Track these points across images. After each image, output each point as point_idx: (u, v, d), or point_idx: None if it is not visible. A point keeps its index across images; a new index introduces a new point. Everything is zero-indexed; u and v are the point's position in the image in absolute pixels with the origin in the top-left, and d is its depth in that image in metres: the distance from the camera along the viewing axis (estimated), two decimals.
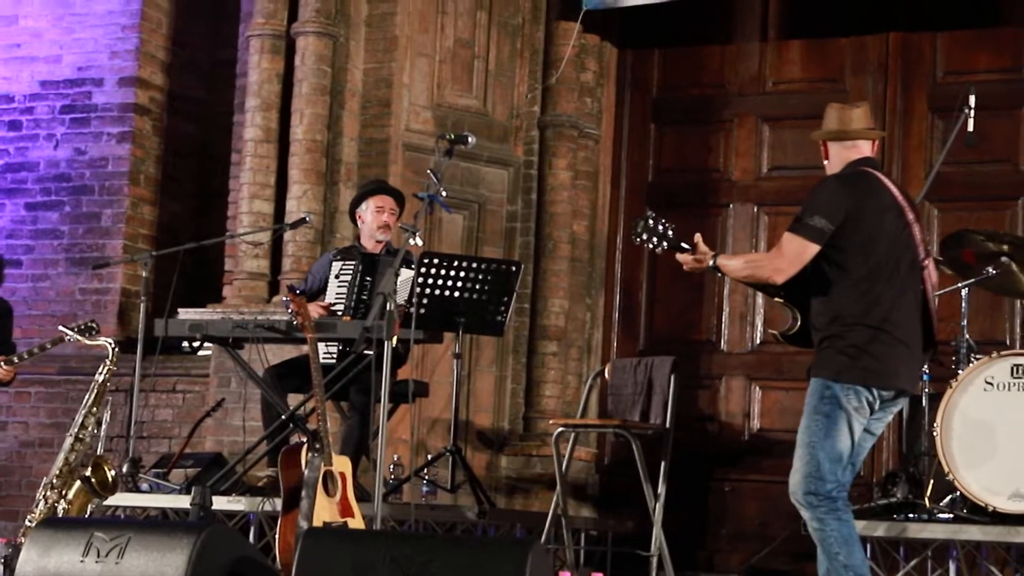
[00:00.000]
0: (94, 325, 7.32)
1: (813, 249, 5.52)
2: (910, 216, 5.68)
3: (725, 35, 9.62)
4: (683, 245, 5.81)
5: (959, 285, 7.12)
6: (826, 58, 9.41)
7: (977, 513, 6.61)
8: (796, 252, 5.54)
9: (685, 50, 9.76)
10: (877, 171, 5.75)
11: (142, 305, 7.64)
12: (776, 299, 5.88)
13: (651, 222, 5.85)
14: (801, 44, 9.48)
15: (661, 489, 7.04)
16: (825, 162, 5.84)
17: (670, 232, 5.83)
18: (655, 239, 5.84)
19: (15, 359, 7.84)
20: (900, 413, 7.24)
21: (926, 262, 5.71)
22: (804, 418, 5.56)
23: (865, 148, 5.79)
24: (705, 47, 9.69)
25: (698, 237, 5.82)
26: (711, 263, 5.75)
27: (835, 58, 9.38)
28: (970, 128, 7.21)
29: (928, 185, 7.55)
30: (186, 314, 8.49)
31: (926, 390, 7.02)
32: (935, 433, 6.67)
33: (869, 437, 5.66)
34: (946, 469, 6.63)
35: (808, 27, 9.41)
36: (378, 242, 7.84)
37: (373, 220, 7.84)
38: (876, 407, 5.56)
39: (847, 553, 5.46)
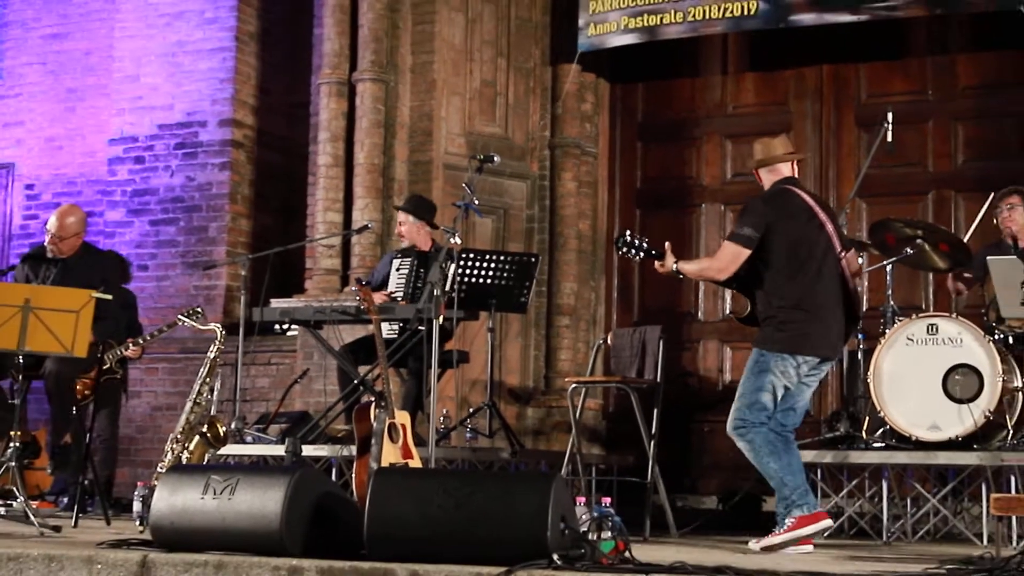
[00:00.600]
0: (199, 310, 7.35)
1: (745, 253, 5.66)
2: (823, 217, 5.75)
3: (694, 70, 9.58)
4: (653, 253, 5.85)
5: (884, 263, 7.11)
6: (774, 86, 9.37)
7: (903, 442, 6.61)
8: (732, 255, 5.68)
9: (663, 83, 9.73)
10: (795, 187, 5.83)
11: (242, 297, 7.63)
12: (731, 289, 5.94)
13: (629, 237, 5.92)
14: (754, 76, 9.45)
15: (655, 431, 7.03)
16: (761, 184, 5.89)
17: (644, 244, 5.89)
18: (632, 251, 5.88)
19: (141, 340, 7.88)
20: (841, 364, 7.25)
21: (843, 253, 5.76)
22: (743, 376, 5.72)
23: (786, 169, 5.88)
24: (678, 80, 9.66)
25: (667, 246, 5.87)
26: (673, 267, 5.80)
27: (781, 86, 9.34)
28: (889, 139, 7.18)
29: (857, 185, 7.53)
30: (277, 303, 8.50)
31: (860, 347, 7.01)
32: (868, 380, 6.67)
33: (805, 389, 5.75)
34: (878, 408, 6.64)
35: (759, 62, 9.38)
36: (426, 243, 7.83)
37: (397, 230, 7.91)
38: (802, 370, 5.66)
39: (773, 459, 5.59)
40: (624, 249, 5.89)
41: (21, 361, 5.93)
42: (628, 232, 5.94)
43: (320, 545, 4.45)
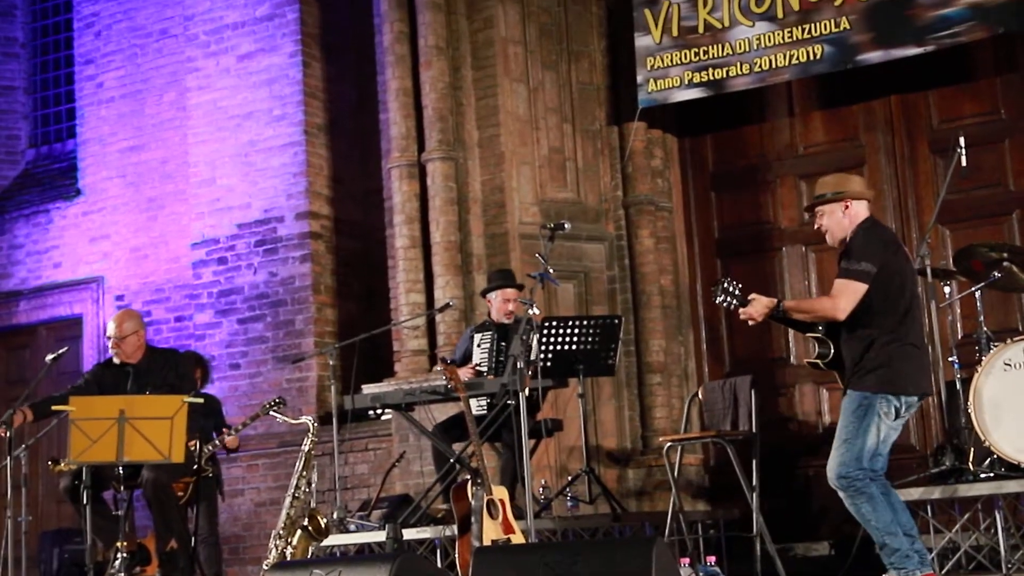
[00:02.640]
0: (279, 400, 7.46)
1: (864, 288, 5.52)
2: (906, 249, 5.76)
3: (760, 116, 9.55)
4: (748, 299, 5.79)
5: (973, 289, 6.99)
6: (843, 122, 9.30)
7: (1012, 470, 6.46)
8: (854, 292, 5.57)
9: (730, 132, 9.70)
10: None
11: (333, 386, 7.69)
12: (811, 334, 5.83)
13: (726, 284, 5.83)
14: (821, 114, 9.38)
15: (755, 482, 6.95)
16: (841, 214, 5.79)
17: (738, 291, 5.82)
18: (729, 298, 5.81)
19: (234, 430, 8.01)
20: (940, 395, 7.13)
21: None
22: (842, 419, 5.61)
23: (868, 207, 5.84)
24: (745, 127, 9.62)
25: (754, 295, 5.79)
26: (779, 308, 5.70)
27: (850, 121, 9.26)
28: (963, 163, 7.09)
29: (937, 212, 7.41)
30: (368, 389, 8.55)
31: (958, 376, 6.88)
32: (969, 410, 6.54)
33: (893, 433, 5.66)
34: (982, 437, 6.50)
35: (825, 100, 9.32)
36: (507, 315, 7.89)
37: (500, 308, 7.88)
38: (902, 410, 5.59)
39: (876, 518, 5.51)
40: (722, 297, 5.84)
41: (121, 472, 6.04)
42: (725, 279, 5.89)
43: None
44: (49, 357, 7.29)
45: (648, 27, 9.15)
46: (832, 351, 5.74)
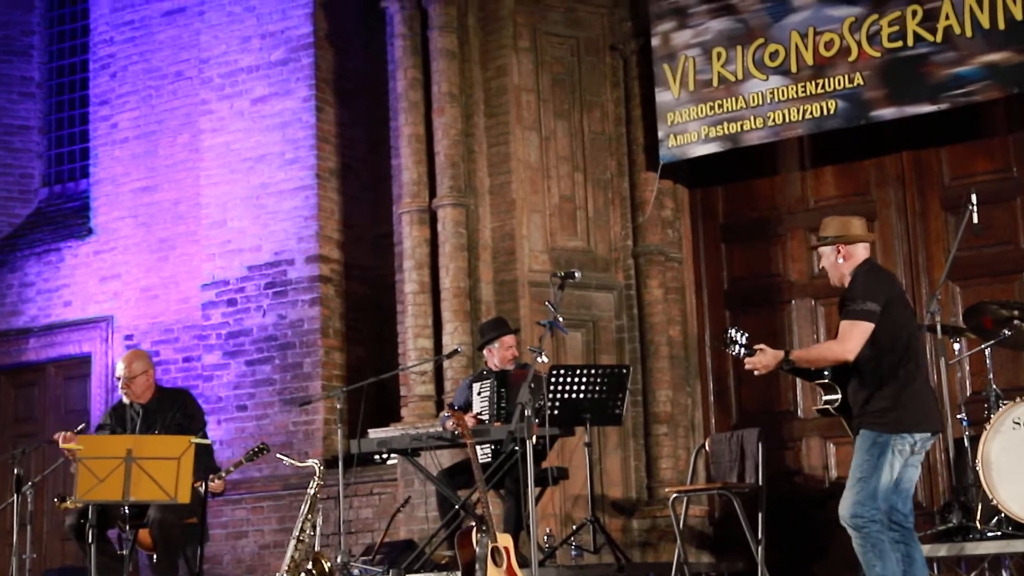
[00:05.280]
0: (263, 446, 7.48)
1: (871, 328, 5.56)
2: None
3: (772, 169, 9.58)
4: (754, 348, 5.81)
5: (983, 346, 7.01)
6: (854, 177, 9.33)
7: (1020, 529, 6.45)
8: (861, 332, 5.59)
9: (742, 184, 9.74)
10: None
11: (339, 430, 7.73)
12: (818, 381, 5.85)
13: (733, 333, 5.86)
14: (833, 168, 9.41)
15: (760, 534, 6.95)
16: (835, 258, 5.84)
17: (745, 339, 5.84)
18: (737, 347, 5.83)
19: (223, 473, 7.95)
20: (947, 453, 7.13)
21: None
22: (856, 458, 5.61)
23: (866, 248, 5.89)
24: (757, 180, 9.66)
25: (761, 345, 5.82)
26: (786, 359, 5.73)
27: (862, 176, 9.30)
28: (975, 220, 7.12)
29: (947, 269, 7.44)
30: (374, 433, 8.54)
31: (966, 433, 6.89)
32: (977, 468, 6.55)
33: (914, 471, 5.67)
34: (990, 496, 6.50)
35: (837, 155, 9.35)
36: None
37: (503, 356, 7.88)
38: (916, 447, 5.61)
39: (881, 565, 5.48)
40: (730, 346, 5.85)
41: (127, 511, 6.06)
42: (733, 329, 5.91)
43: None
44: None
45: (667, 82, 9.24)
46: (841, 396, 5.75)
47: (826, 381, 5.79)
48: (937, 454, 8.53)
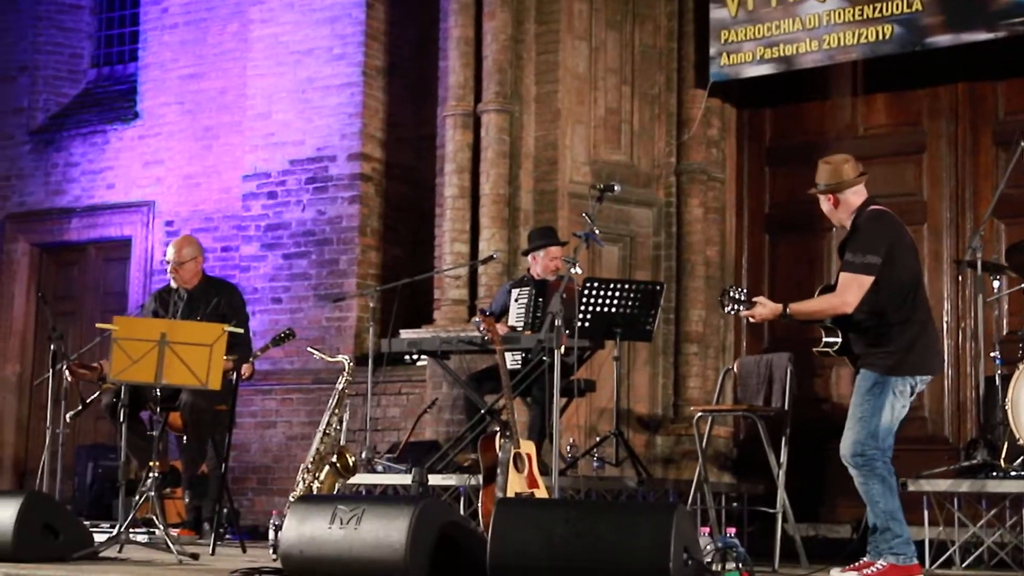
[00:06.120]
0: (290, 331, 7.57)
1: (870, 280, 5.56)
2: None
3: (823, 93, 9.46)
4: (752, 301, 5.80)
5: (1022, 286, 6.94)
6: (906, 107, 9.20)
7: None
8: (860, 286, 5.60)
9: (791, 107, 9.63)
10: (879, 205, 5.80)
11: (371, 328, 7.78)
12: (821, 323, 5.82)
13: (731, 292, 5.84)
14: (885, 96, 9.28)
15: (783, 459, 6.96)
16: (830, 206, 5.83)
17: (742, 296, 5.82)
18: (738, 306, 5.80)
19: (251, 359, 8.04)
20: (977, 390, 7.10)
21: None
22: (856, 398, 5.65)
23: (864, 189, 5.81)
24: (807, 104, 9.54)
25: (760, 298, 5.81)
26: (784, 313, 5.72)
27: (914, 106, 9.16)
28: None
29: (993, 205, 7.34)
30: (406, 334, 8.62)
31: (999, 372, 6.85)
32: (1007, 407, 6.52)
33: (904, 412, 5.70)
34: (1017, 436, 6.48)
35: (890, 83, 9.21)
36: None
37: (547, 265, 7.88)
38: (916, 390, 5.67)
39: (884, 501, 5.54)
40: (729, 306, 5.82)
41: (159, 394, 6.14)
42: (731, 287, 5.93)
43: (444, 574, 4.52)
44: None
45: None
46: (841, 339, 5.76)
47: (827, 324, 5.79)
48: (968, 391, 8.50)
